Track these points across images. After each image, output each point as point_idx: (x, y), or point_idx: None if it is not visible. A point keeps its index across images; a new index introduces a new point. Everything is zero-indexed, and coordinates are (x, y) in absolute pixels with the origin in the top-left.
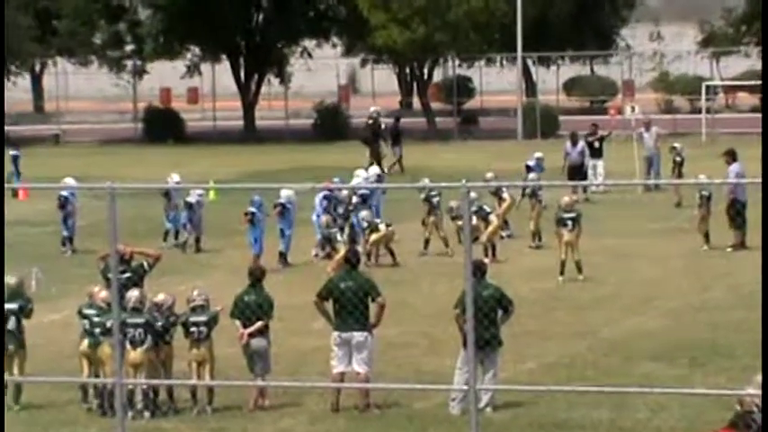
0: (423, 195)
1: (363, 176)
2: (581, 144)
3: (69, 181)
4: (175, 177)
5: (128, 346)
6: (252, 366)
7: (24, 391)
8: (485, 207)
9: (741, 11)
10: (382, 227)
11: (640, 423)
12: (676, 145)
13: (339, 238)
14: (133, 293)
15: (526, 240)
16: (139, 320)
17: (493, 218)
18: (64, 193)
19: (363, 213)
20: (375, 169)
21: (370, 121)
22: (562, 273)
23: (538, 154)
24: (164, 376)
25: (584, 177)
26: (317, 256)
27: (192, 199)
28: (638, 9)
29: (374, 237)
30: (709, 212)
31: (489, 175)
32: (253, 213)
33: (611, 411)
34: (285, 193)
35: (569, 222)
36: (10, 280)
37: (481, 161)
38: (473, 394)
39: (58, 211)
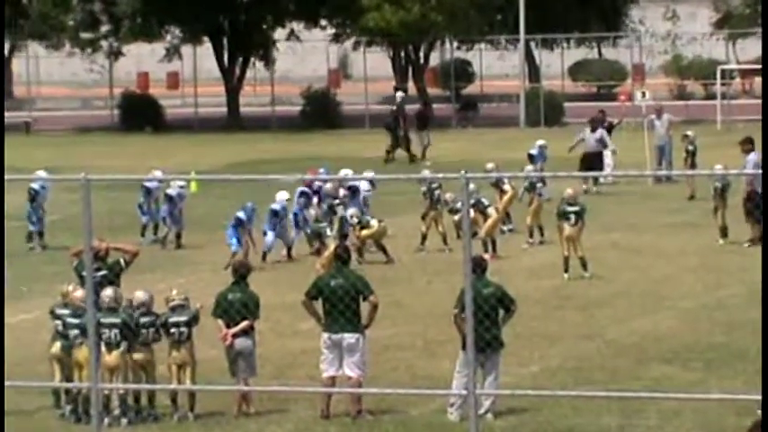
0: (424, 188)
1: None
2: (600, 131)
3: (41, 174)
4: (158, 174)
5: (102, 348)
6: (234, 370)
7: None
8: (483, 200)
9: None
10: (374, 222)
11: (651, 430)
12: (689, 133)
13: (329, 232)
14: (107, 293)
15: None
16: (115, 321)
17: (491, 211)
18: (34, 185)
19: (351, 211)
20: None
21: (394, 107)
22: (566, 270)
23: (540, 141)
24: (146, 381)
25: (602, 167)
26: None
27: (172, 191)
28: None
29: (366, 232)
30: (725, 205)
31: (490, 165)
32: (240, 220)
33: (620, 418)
34: (281, 197)
35: (572, 216)
36: None
37: (481, 150)
38: (473, 399)
39: (28, 204)
